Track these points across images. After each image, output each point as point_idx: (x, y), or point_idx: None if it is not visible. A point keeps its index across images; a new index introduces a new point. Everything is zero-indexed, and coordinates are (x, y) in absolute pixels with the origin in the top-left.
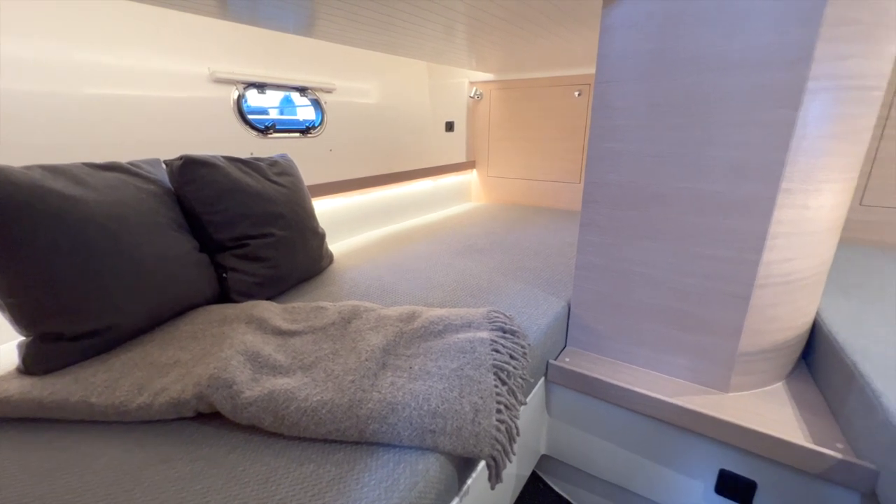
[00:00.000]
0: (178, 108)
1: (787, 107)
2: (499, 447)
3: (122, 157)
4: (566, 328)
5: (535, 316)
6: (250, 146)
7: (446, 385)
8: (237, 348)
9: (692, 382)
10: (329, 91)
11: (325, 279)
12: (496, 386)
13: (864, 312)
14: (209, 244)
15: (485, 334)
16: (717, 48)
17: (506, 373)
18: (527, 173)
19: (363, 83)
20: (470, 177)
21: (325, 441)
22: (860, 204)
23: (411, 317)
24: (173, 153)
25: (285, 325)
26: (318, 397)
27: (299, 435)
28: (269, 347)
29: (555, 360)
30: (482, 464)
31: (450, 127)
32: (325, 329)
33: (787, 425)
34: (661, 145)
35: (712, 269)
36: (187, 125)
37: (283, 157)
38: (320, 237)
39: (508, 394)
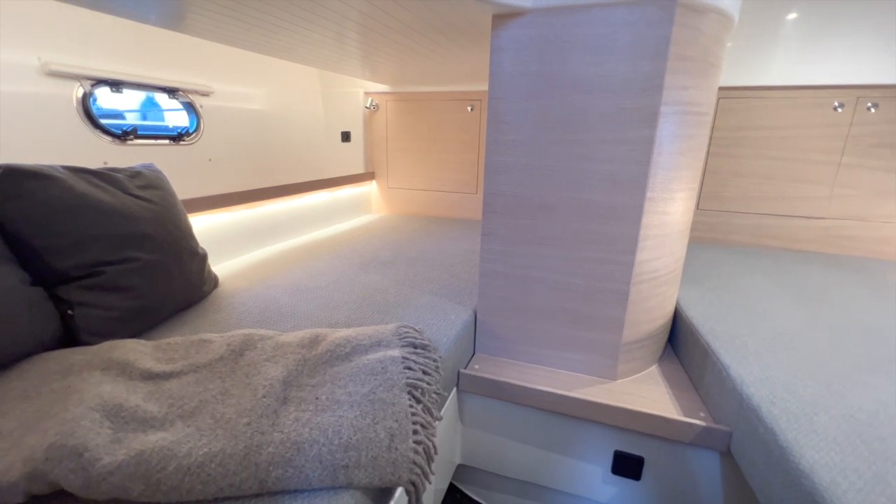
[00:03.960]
0: None
1: (647, 127)
2: (418, 470)
3: None
4: (474, 335)
5: (444, 327)
6: (104, 154)
7: (358, 412)
8: (90, 403)
9: (586, 374)
10: (205, 94)
11: (209, 306)
12: (411, 406)
13: (709, 299)
14: (46, 275)
15: (395, 352)
16: (588, 73)
17: (420, 390)
18: (426, 184)
19: (247, 87)
20: (370, 188)
21: (217, 500)
22: (697, 209)
23: (314, 341)
24: None
25: (158, 367)
26: (205, 449)
27: (181, 500)
28: (136, 397)
29: (465, 368)
30: (400, 489)
31: (346, 137)
32: (211, 365)
33: (663, 403)
34: (548, 159)
35: (596, 270)
36: (8, 128)
37: (149, 167)
38: (200, 258)
39: (424, 412)
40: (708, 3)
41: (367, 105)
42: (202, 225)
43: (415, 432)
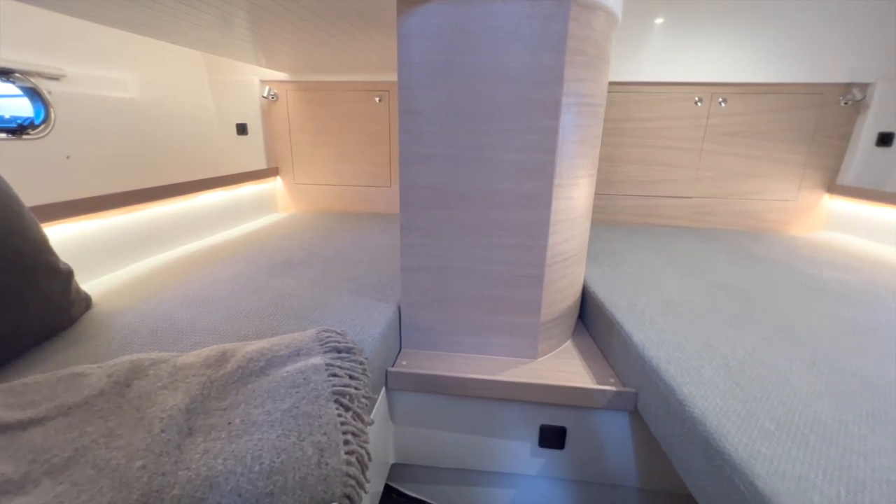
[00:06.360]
0: None
1: (551, 118)
2: (352, 482)
3: None
4: (399, 331)
5: (368, 326)
6: None
7: (280, 432)
8: None
9: (510, 357)
10: (55, 78)
11: (81, 333)
12: (340, 415)
13: (610, 274)
14: None
15: (318, 360)
16: (495, 63)
17: (348, 397)
18: (336, 179)
19: (114, 71)
20: (274, 185)
21: None
22: (595, 193)
23: (222, 358)
24: None
25: (10, 415)
26: None
27: None
28: None
29: (392, 366)
30: None
31: (242, 129)
32: (89, 404)
33: (579, 374)
34: (461, 149)
35: (513, 256)
36: None
37: None
38: (63, 276)
39: (354, 419)
40: (597, 1)
41: (265, 94)
42: (64, 235)
43: (346, 442)
